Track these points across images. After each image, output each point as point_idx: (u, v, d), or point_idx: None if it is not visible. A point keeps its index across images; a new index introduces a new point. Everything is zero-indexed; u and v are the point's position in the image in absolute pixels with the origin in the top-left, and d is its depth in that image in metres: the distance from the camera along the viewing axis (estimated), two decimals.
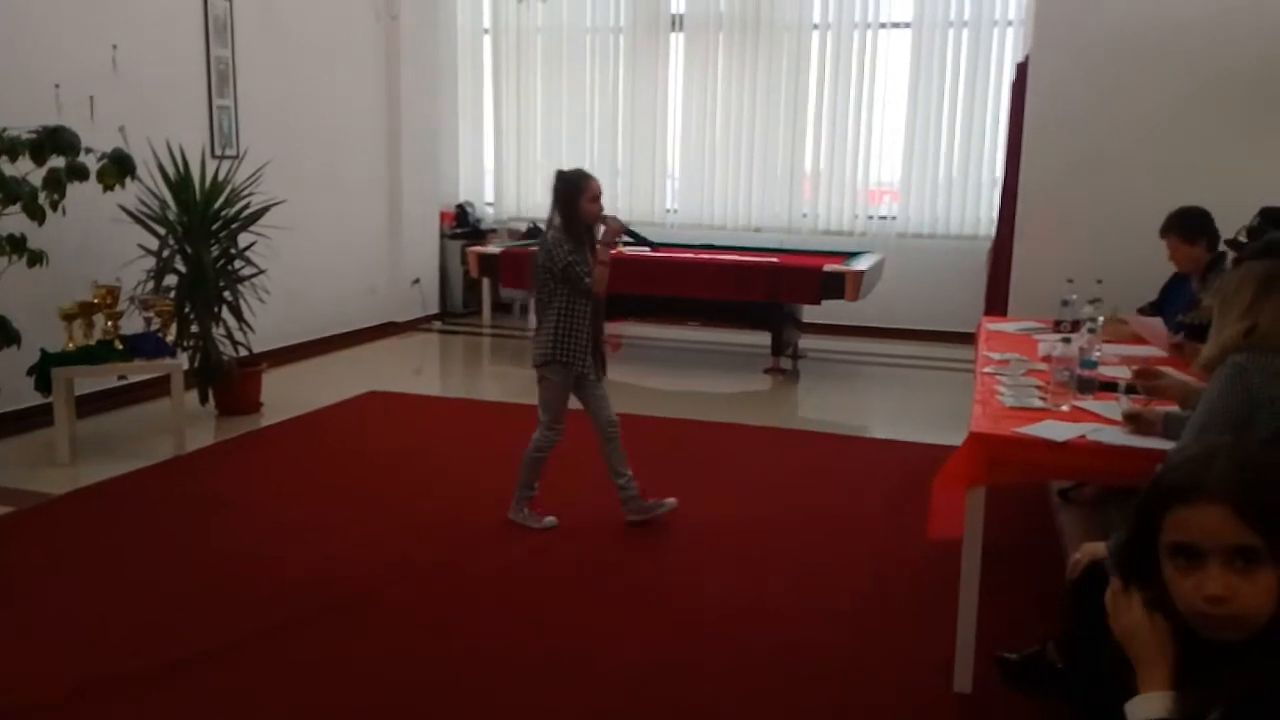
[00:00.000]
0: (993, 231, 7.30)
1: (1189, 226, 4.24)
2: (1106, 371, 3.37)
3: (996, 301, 6.10)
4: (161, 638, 3.13)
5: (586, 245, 3.93)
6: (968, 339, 6.69)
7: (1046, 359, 3.52)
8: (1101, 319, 4.13)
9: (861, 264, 6.93)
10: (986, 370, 3.62)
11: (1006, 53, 8.04)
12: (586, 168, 4.18)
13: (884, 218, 8.70)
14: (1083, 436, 2.76)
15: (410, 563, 3.75)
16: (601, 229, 3.99)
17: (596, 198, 3.93)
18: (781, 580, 3.65)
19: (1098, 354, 3.45)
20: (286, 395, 6.14)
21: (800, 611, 3.40)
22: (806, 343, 7.76)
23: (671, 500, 4.17)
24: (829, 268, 6.76)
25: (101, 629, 3.21)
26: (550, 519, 4.10)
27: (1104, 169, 5.43)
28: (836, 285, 6.66)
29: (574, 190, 3.90)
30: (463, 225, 9.49)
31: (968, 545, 2.79)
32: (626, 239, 4.19)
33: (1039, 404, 3.10)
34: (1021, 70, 6.11)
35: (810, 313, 7.59)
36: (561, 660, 3.05)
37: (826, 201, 8.73)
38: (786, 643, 3.17)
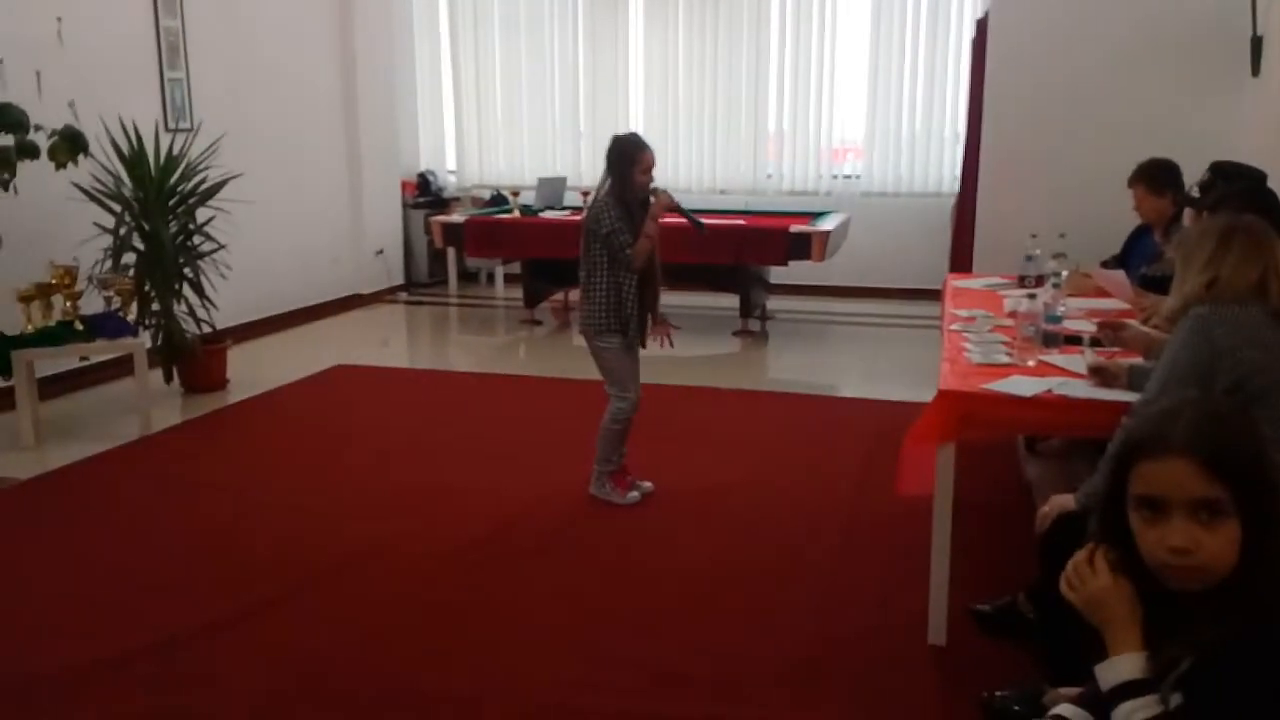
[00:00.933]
0: (956, 188, 7.33)
1: (1158, 178, 4.27)
2: (1071, 325, 3.41)
3: (961, 258, 6.14)
4: (133, 620, 3.10)
5: (633, 214, 3.83)
6: (934, 296, 6.74)
7: (1012, 315, 3.56)
8: (1065, 273, 4.17)
9: (827, 224, 6.94)
10: (953, 328, 3.65)
11: (966, 10, 8.03)
12: (549, 133, 4.12)
13: (848, 177, 8.71)
14: (1049, 391, 2.80)
15: (383, 537, 3.74)
16: (653, 201, 3.88)
17: (648, 169, 3.82)
18: (753, 539, 3.69)
19: (1062, 309, 3.48)
20: (252, 371, 6.07)
21: (773, 569, 3.44)
22: (775, 304, 7.78)
23: (648, 484, 4.11)
24: (795, 228, 6.77)
25: (72, 613, 3.18)
26: (645, 485, 4.02)
27: (1064, 124, 5.46)
28: (803, 246, 6.67)
29: (628, 159, 3.79)
30: (425, 194, 9.39)
31: (939, 500, 2.82)
32: (679, 217, 4.07)
33: (1005, 360, 3.13)
34: (981, 27, 6.12)
35: (778, 274, 7.61)
36: (534, 623, 3.07)
37: (791, 162, 8.72)
38: (759, 601, 3.21)
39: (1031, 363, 3.07)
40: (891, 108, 8.38)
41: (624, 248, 3.77)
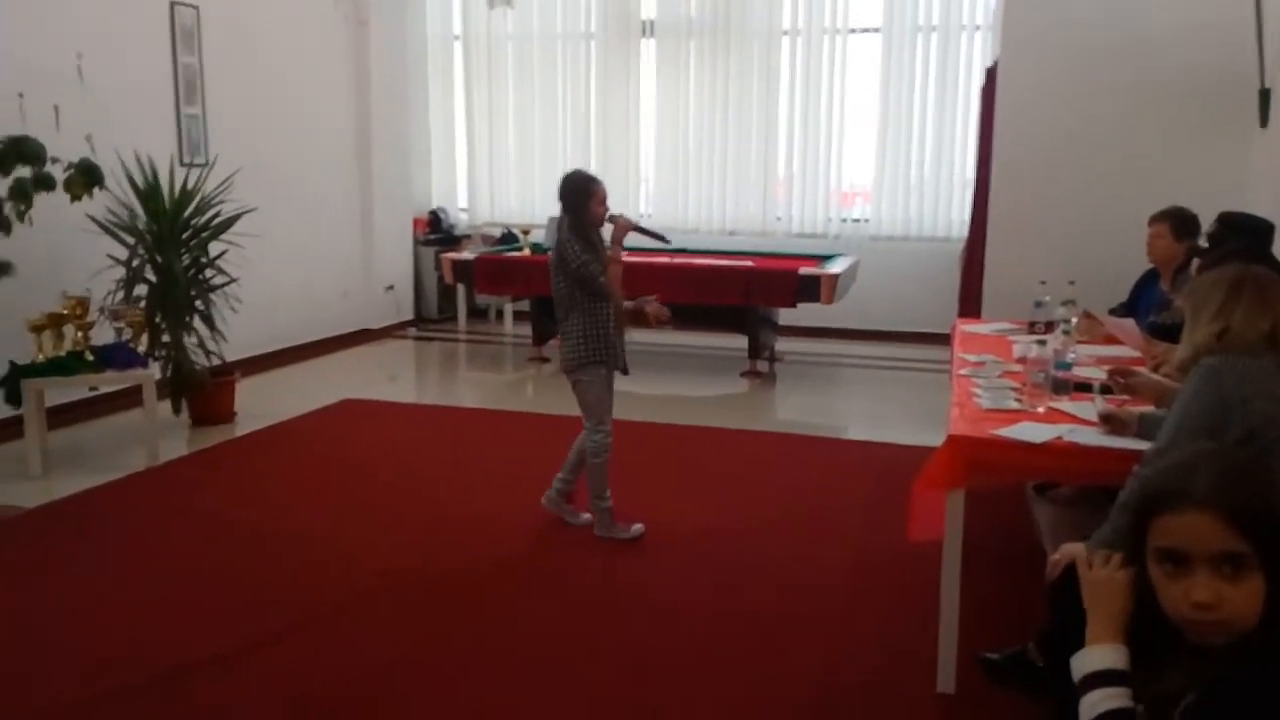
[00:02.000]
0: (965, 233, 7.36)
1: (1185, 224, 4.32)
2: (1081, 372, 3.40)
3: (970, 303, 6.15)
4: (137, 652, 3.09)
5: (598, 246, 3.93)
6: (942, 339, 6.74)
7: (1022, 360, 3.55)
8: (1075, 320, 4.18)
9: (836, 267, 6.96)
10: (962, 372, 3.65)
11: (975, 57, 8.11)
12: (560, 173, 4.19)
13: (857, 220, 8.75)
14: (1059, 437, 2.79)
15: (389, 571, 3.72)
16: (611, 229, 4.00)
17: (603, 200, 3.94)
18: (760, 582, 3.66)
19: (1072, 355, 3.49)
20: (260, 404, 6.08)
21: (780, 613, 3.40)
22: (783, 345, 7.79)
23: (586, 515, 4.13)
24: (804, 270, 6.79)
25: (76, 644, 3.16)
26: (637, 527, 4.03)
27: (1073, 171, 5.49)
28: (812, 288, 6.69)
29: (583, 193, 3.92)
30: (436, 231, 9.45)
31: (948, 546, 2.81)
32: (644, 236, 4.19)
33: (1015, 405, 3.12)
34: (991, 75, 6.17)
35: (786, 315, 7.62)
36: (537, 663, 3.04)
37: (800, 204, 8.76)
38: (765, 645, 3.18)
39: (1041, 409, 3.07)
40: (901, 152, 8.44)
41: (596, 276, 3.86)
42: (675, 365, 7.82)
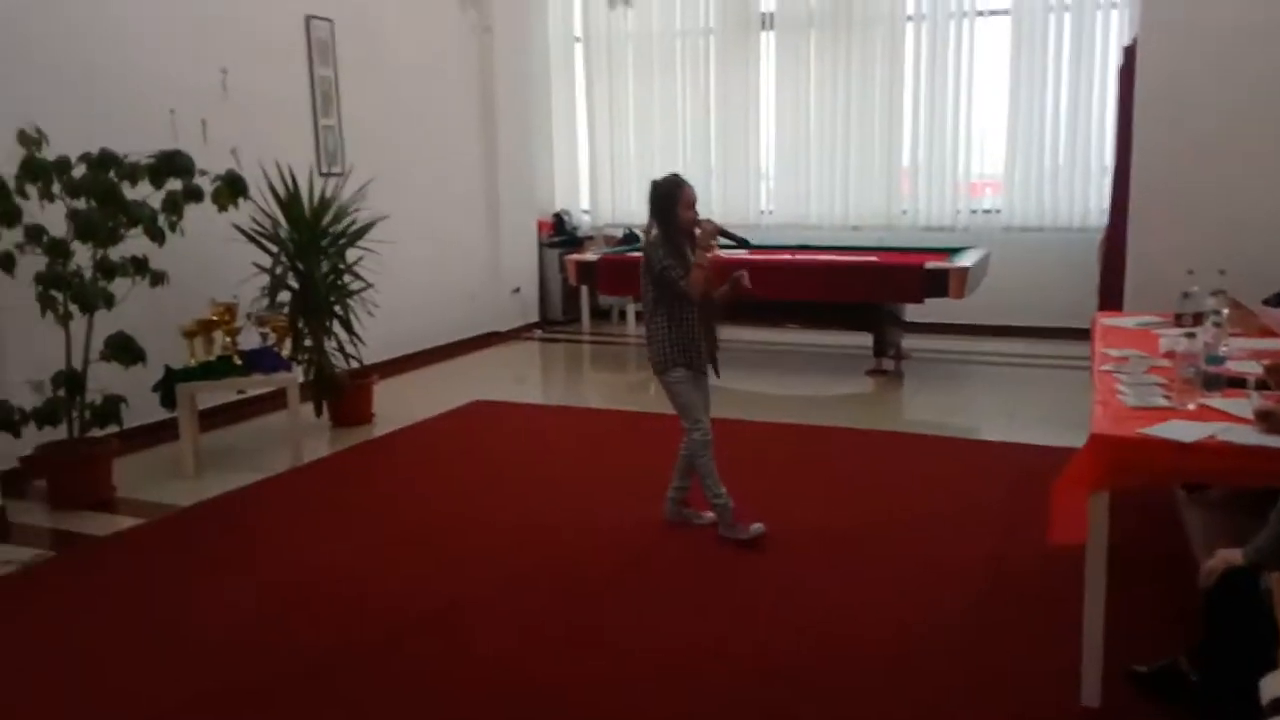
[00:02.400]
0: (1104, 222, 7.05)
1: None
2: (1235, 367, 3.22)
3: (1111, 295, 5.89)
4: (284, 641, 3.23)
5: (685, 250, 3.95)
6: (1080, 335, 6.47)
7: (1169, 355, 3.38)
8: (1226, 311, 3.95)
9: (966, 260, 6.76)
10: (1105, 368, 3.49)
11: (1112, 36, 7.77)
12: (680, 171, 4.22)
13: (988, 211, 8.49)
14: (1212, 437, 2.63)
15: (518, 568, 3.79)
16: (698, 233, 3.99)
17: (691, 204, 3.97)
18: (891, 588, 3.58)
19: (1225, 349, 3.29)
20: (396, 406, 6.29)
21: (913, 622, 3.32)
22: (910, 343, 7.62)
23: (710, 515, 4.11)
24: (931, 265, 6.61)
25: (225, 635, 3.32)
26: (757, 526, 4.00)
27: (1222, 154, 5.19)
28: (940, 283, 6.51)
29: (669, 199, 3.95)
30: (560, 233, 9.59)
31: (1092, 551, 2.68)
32: (724, 241, 4.18)
33: (1163, 403, 2.97)
34: (1130, 54, 5.89)
35: (913, 311, 7.45)
36: (662, 665, 3.05)
37: (926, 196, 8.56)
38: (899, 655, 3.10)
39: (1192, 406, 2.91)
40: (1034, 138, 8.15)
41: (678, 280, 3.88)
42: (798, 365, 7.74)
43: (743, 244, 4.37)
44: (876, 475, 4.84)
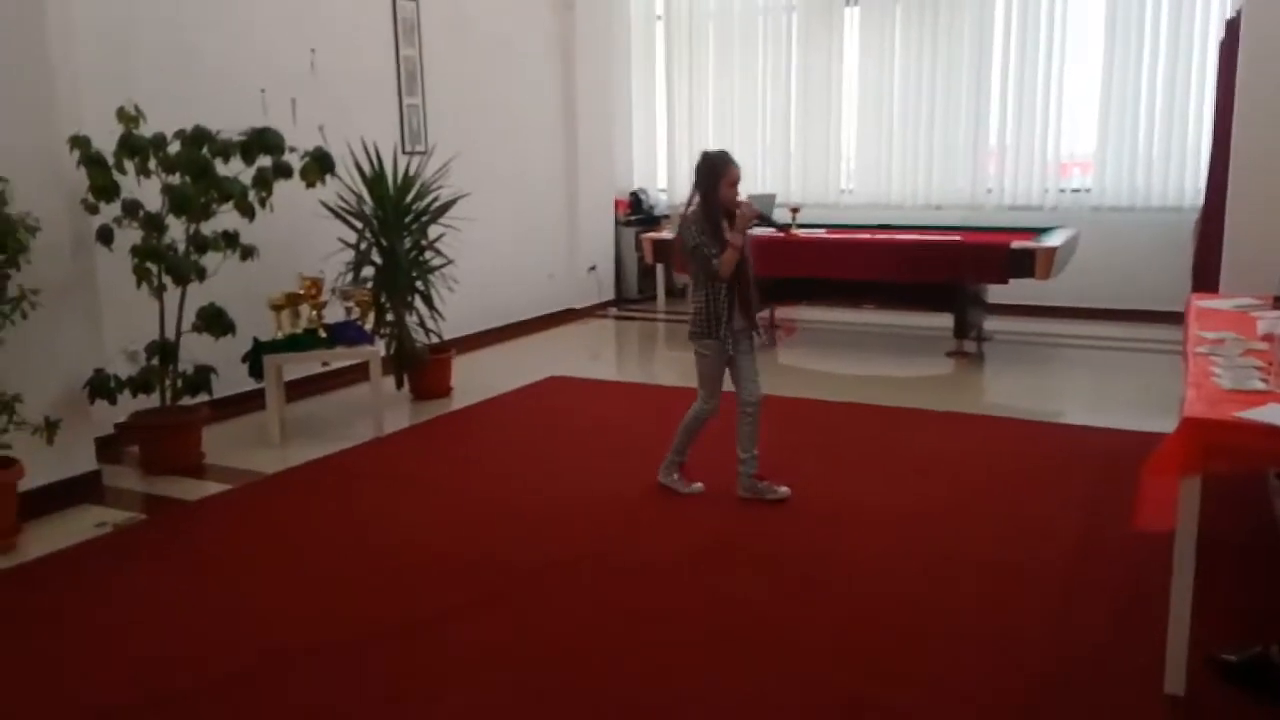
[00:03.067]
0: (1199, 203, 6.81)
1: None
2: None
3: (1206, 277, 5.69)
4: (353, 612, 3.30)
5: (721, 227, 3.97)
6: (1170, 318, 6.28)
7: (1267, 337, 3.25)
8: None
9: (1053, 240, 6.58)
10: (1199, 350, 3.37)
11: (1213, 9, 7.47)
12: (759, 151, 4.24)
13: (1076, 191, 8.26)
14: None
15: (589, 544, 3.83)
16: (737, 213, 4.00)
17: (734, 183, 4.00)
18: (970, 572, 3.52)
19: None
20: (474, 380, 6.38)
21: (987, 600, 3.27)
22: (993, 324, 7.46)
23: (785, 489, 4.16)
24: (1017, 244, 6.45)
25: (308, 600, 3.41)
26: (697, 485, 4.26)
27: None
28: (1026, 263, 6.35)
29: (714, 174, 3.98)
30: (637, 212, 9.60)
31: (1181, 537, 2.61)
32: (762, 225, 4.24)
33: (1261, 386, 2.86)
34: (1232, 28, 5.66)
35: (998, 293, 7.29)
36: (731, 641, 3.04)
37: (1013, 176, 8.36)
38: (969, 633, 3.06)
39: None
40: (1127, 117, 7.89)
41: (710, 259, 3.93)
42: (877, 345, 7.64)
43: (782, 228, 4.46)
44: (956, 458, 4.75)
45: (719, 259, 3.93)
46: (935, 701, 2.71)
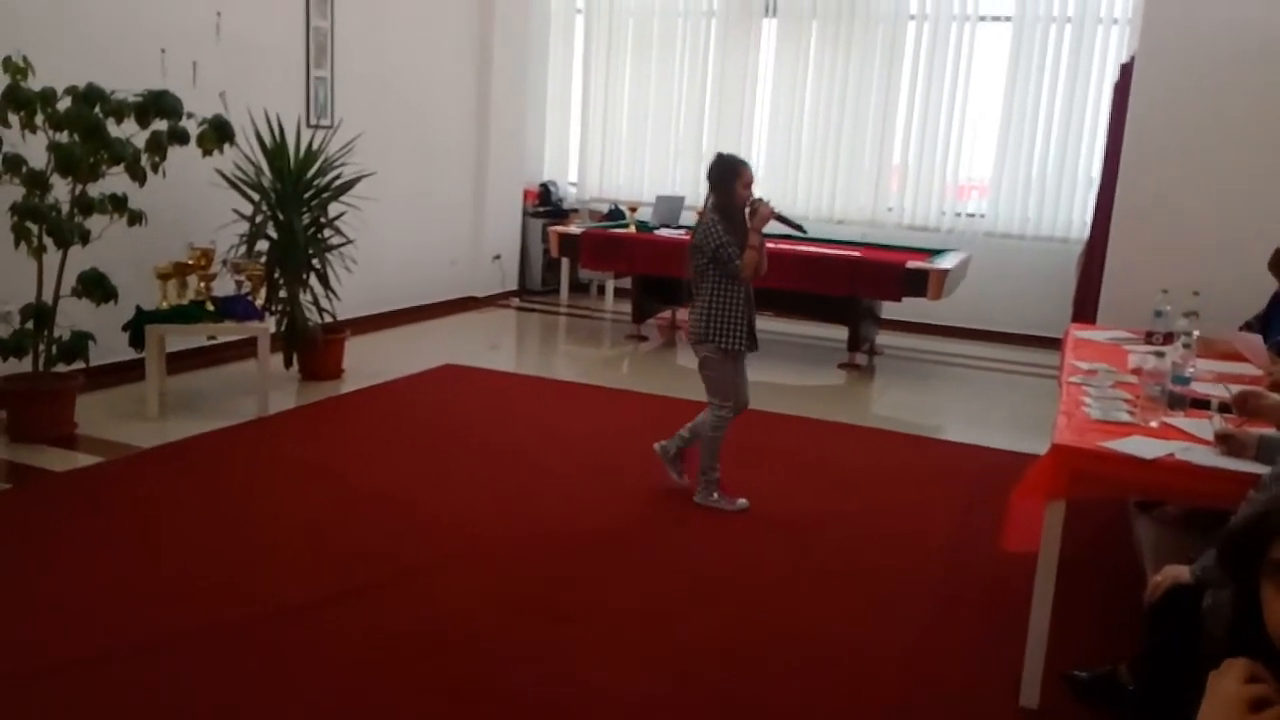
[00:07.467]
0: (1085, 235, 7.10)
1: None
2: (1200, 388, 3.26)
3: (1086, 308, 5.94)
4: (230, 595, 3.22)
5: (741, 228, 4.03)
6: (1052, 344, 6.53)
7: (1137, 371, 3.42)
8: (1196, 333, 4.00)
9: (946, 262, 6.80)
10: (1073, 379, 3.53)
11: (1110, 52, 7.80)
12: (671, 153, 4.27)
13: (972, 215, 8.53)
14: (1171, 455, 2.68)
15: (473, 533, 3.80)
16: (752, 213, 4.06)
17: (749, 184, 4.05)
18: (844, 580, 3.62)
19: (1191, 370, 3.34)
20: (367, 363, 6.27)
21: (863, 613, 3.36)
22: (884, 339, 7.65)
23: (743, 501, 4.21)
24: (912, 264, 6.64)
25: (173, 582, 3.31)
26: (742, 501, 4.18)
27: (1206, 177, 5.25)
28: (919, 283, 6.55)
29: (730, 175, 4.03)
30: (545, 204, 9.55)
31: (1043, 558, 2.73)
32: (780, 229, 4.24)
33: (1127, 418, 3.01)
34: (1126, 71, 5.92)
35: (890, 309, 7.49)
36: (615, 640, 3.07)
37: (914, 196, 8.58)
38: (847, 644, 3.15)
39: (1154, 424, 2.95)
40: (1024, 146, 8.18)
41: (733, 259, 3.97)
42: (771, 352, 7.73)
43: (799, 230, 4.40)
44: (837, 467, 4.88)
45: (740, 260, 3.97)
46: (805, 703, 2.77)
